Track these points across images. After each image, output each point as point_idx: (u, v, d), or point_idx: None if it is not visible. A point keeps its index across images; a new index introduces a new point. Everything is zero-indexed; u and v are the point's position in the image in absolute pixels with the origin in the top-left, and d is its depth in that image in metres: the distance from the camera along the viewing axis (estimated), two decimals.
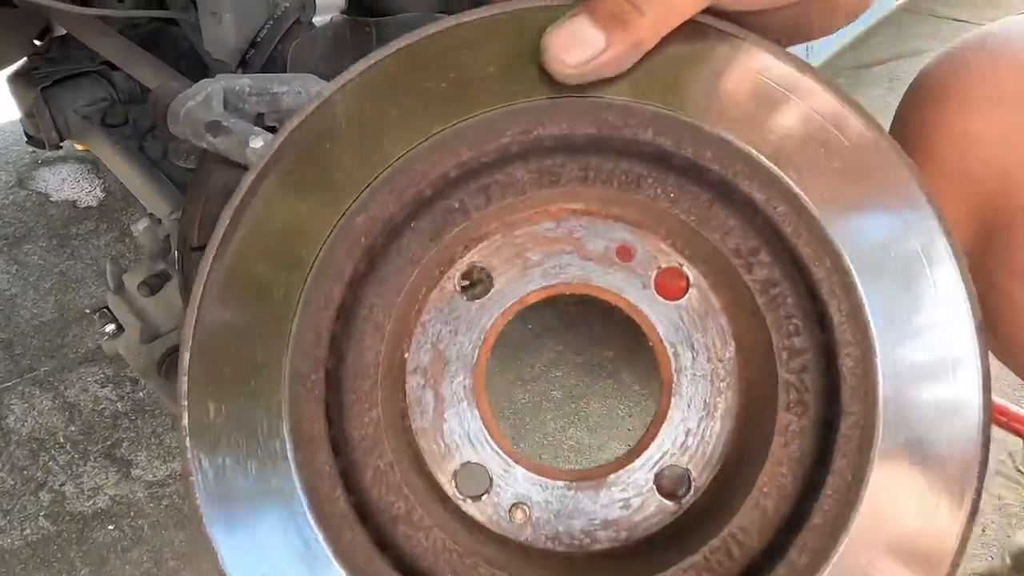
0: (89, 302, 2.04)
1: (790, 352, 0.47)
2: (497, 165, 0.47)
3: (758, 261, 0.47)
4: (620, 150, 0.47)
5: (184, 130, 0.71)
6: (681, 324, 0.51)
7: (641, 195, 0.47)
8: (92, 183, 2.53)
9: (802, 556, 0.45)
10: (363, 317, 0.46)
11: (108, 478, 1.60)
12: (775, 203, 0.46)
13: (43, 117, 1.34)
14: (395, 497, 0.47)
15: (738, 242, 0.47)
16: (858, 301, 0.45)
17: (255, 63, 0.86)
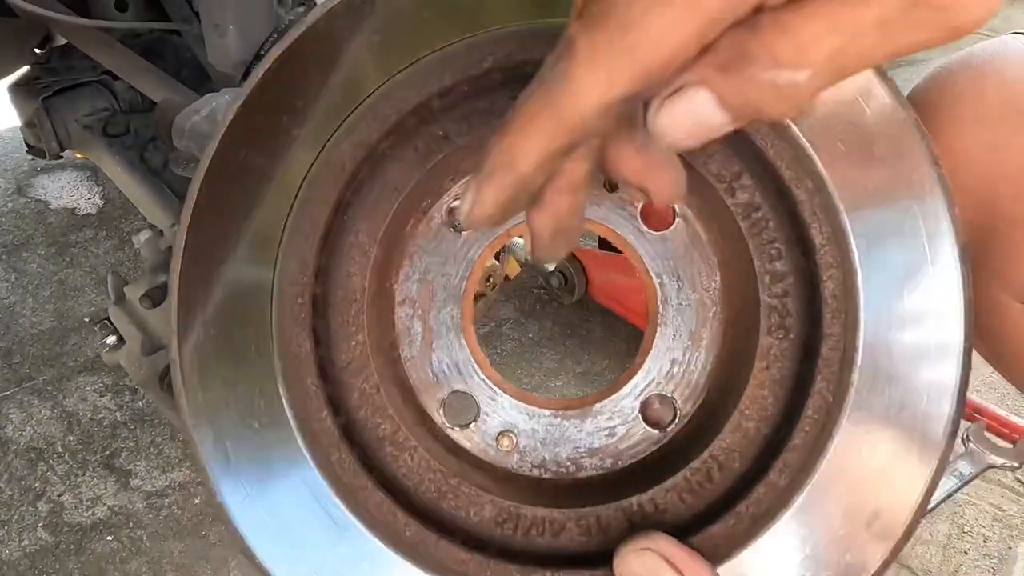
0: (88, 310, 2.04)
1: (772, 276, 0.47)
2: (479, 93, 0.46)
3: (740, 185, 0.47)
4: None
5: (189, 144, 0.71)
6: (667, 255, 0.51)
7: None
8: (91, 191, 2.53)
9: (782, 477, 0.45)
10: (349, 244, 0.47)
11: (107, 488, 1.59)
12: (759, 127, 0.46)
13: (44, 127, 1.34)
14: (381, 419, 0.48)
15: (720, 167, 0.47)
16: (840, 224, 0.45)
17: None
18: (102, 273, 2.17)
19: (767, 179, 0.46)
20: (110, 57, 1.20)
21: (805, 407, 0.45)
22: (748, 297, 0.48)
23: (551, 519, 0.47)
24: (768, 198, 0.47)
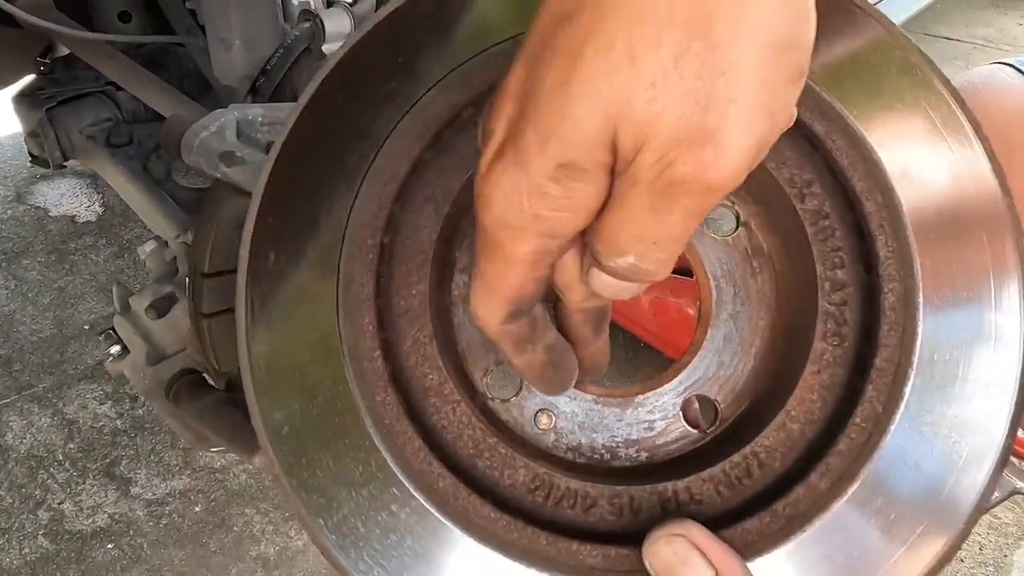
0: (88, 318, 2.04)
1: (832, 283, 0.48)
2: None
3: (811, 192, 0.48)
4: None
5: (198, 160, 0.72)
6: (727, 259, 0.52)
7: None
8: (91, 198, 2.54)
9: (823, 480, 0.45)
10: (424, 197, 0.49)
11: (107, 496, 1.60)
12: (833, 136, 0.47)
13: (48, 137, 1.34)
14: (429, 369, 0.49)
15: (793, 172, 0.48)
16: (906, 239, 0.46)
17: (265, 90, 0.87)
18: (102, 281, 2.17)
19: (838, 189, 0.47)
20: (113, 69, 1.21)
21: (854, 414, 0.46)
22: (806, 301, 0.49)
23: (584, 493, 0.48)
24: (837, 208, 0.48)
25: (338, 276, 0.47)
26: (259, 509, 1.58)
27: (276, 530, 1.54)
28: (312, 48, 0.88)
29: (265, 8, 0.88)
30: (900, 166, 0.47)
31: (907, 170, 0.47)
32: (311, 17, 0.88)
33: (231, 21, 0.89)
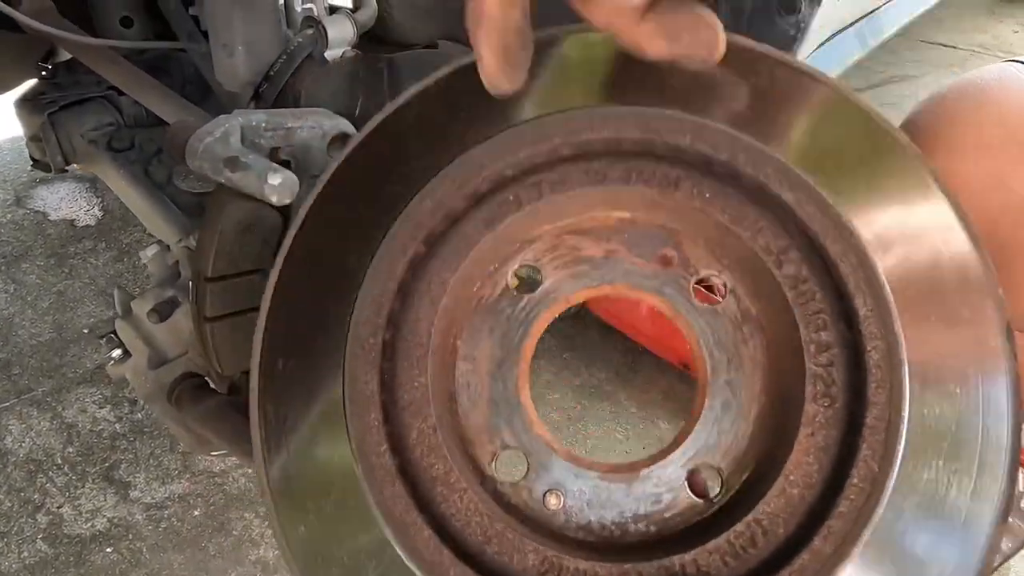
0: (87, 321, 2.04)
1: (818, 345, 0.49)
2: (549, 165, 0.51)
3: (788, 258, 0.50)
4: (661, 155, 0.51)
5: (202, 165, 0.72)
6: (717, 328, 0.54)
7: (680, 195, 0.51)
8: (90, 202, 2.54)
9: (827, 543, 0.46)
10: (421, 292, 0.51)
11: (106, 500, 1.60)
12: (803, 203, 0.49)
13: (50, 142, 1.35)
14: (435, 459, 0.50)
15: (768, 240, 0.50)
16: (884, 296, 0.47)
17: (268, 96, 0.88)
18: (101, 285, 2.18)
19: (813, 253, 0.49)
20: (116, 74, 1.22)
21: (851, 475, 0.47)
22: (794, 366, 0.50)
23: (592, 573, 0.49)
24: (814, 271, 0.50)
25: (343, 375, 0.49)
26: (258, 513, 1.58)
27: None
28: (315, 54, 0.88)
29: (268, 14, 0.88)
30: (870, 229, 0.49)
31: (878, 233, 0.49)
32: (314, 23, 0.89)
33: (234, 27, 0.89)
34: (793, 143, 0.52)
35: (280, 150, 0.77)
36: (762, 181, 0.50)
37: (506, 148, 0.51)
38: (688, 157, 0.51)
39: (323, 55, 0.89)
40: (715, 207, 0.51)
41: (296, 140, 0.78)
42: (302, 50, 0.87)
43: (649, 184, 0.51)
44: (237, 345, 0.83)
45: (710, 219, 0.51)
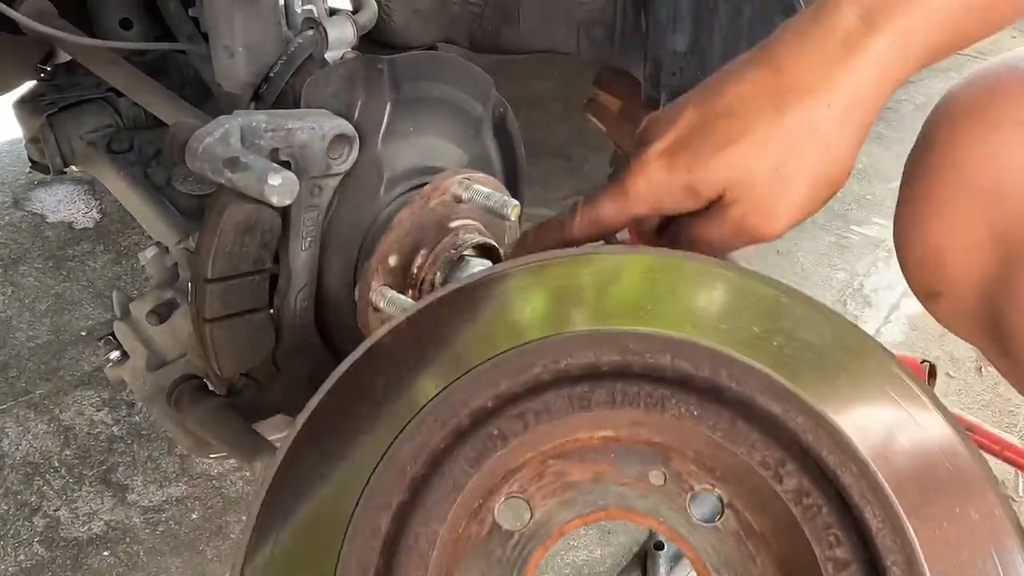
0: (85, 324, 2.04)
1: (835, 563, 0.46)
2: (531, 394, 0.51)
3: (786, 471, 0.48)
4: (643, 375, 0.51)
5: (202, 166, 0.72)
6: (720, 546, 0.51)
7: (667, 415, 0.50)
8: (88, 204, 2.53)
9: None
10: (407, 548, 0.47)
11: (103, 503, 1.59)
12: (793, 414, 0.49)
13: (49, 143, 1.34)
14: None
15: (764, 454, 0.49)
16: (892, 505, 0.46)
17: (268, 97, 0.88)
18: (99, 287, 2.17)
19: (812, 465, 0.48)
20: (116, 75, 1.22)
21: None
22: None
23: None
24: (816, 484, 0.48)
25: None
26: None
27: None
28: (315, 55, 0.88)
29: (269, 15, 0.88)
30: (864, 438, 0.49)
31: (873, 443, 0.49)
32: (314, 25, 0.88)
33: (234, 28, 0.89)
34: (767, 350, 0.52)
35: (280, 151, 0.77)
36: (748, 395, 0.49)
37: (487, 381, 0.50)
38: (670, 375, 0.51)
39: (323, 56, 0.89)
40: (704, 424, 0.50)
41: (296, 141, 0.78)
42: (302, 51, 0.87)
43: (635, 405, 0.50)
44: (236, 347, 0.83)
45: (699, 434, 0.50)
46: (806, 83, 0.58)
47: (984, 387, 1.89)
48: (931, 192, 0.67)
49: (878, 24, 0.56)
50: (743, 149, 0.59)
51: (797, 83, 0.58)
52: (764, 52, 0.61)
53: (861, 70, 0.57)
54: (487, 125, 1.01)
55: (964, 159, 0.64)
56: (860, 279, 2.27)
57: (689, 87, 1.22)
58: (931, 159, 0.68)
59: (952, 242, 0.66)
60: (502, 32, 1.31)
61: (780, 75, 0.59)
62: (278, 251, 0.83)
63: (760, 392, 0.50)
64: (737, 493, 0.52)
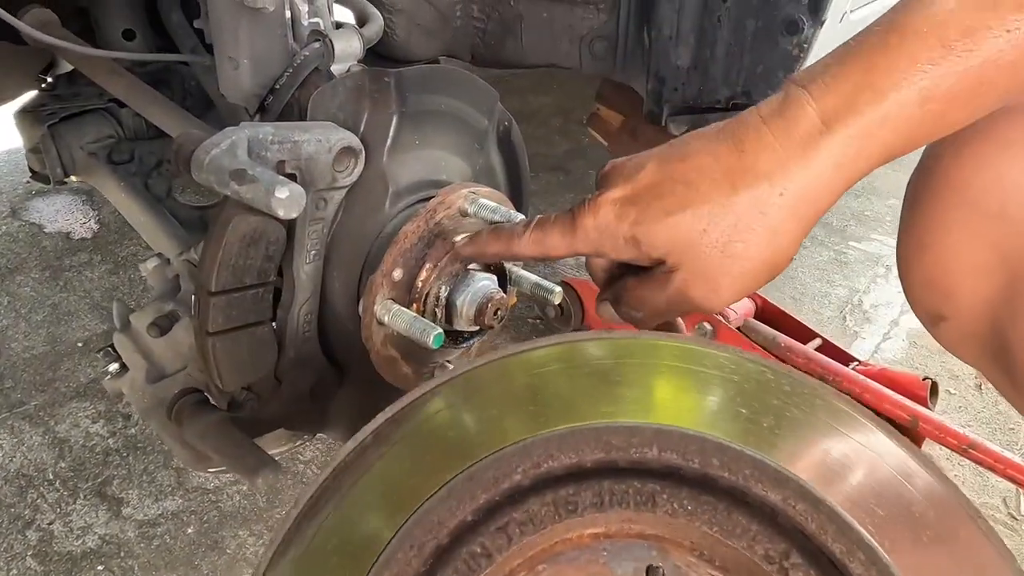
0: (82, 335, 2.03)
1: None
2: (513, 502, 0.47)
3: (791, 564, 0.46)
4: (630, 469, 0.49)
5: (208, 177, 0.72)
6: None
7: (658, 512, 0.48)
8: (86, 215, 2.53)
9: None
10: None
11: (98, 516, 1.57)
12: (792, 501, 0.46)
13: (49, 153, 1.34)
14: None
15: (767, 547, 0.47)
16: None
17: (273, 109, 0.87)
18: (96, 298, 2.16)
19: (817, 554, 0.46)
20: (119, 86, 1.21)
21: None
22: None
23: None
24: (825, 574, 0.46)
25: None
26: (252, 531, 1.56)
27: None
28: (321, 68, 0.88)
29: (275, 28, 0.88)
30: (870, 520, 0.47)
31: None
32: (321, 37, 0.88)
33: (240, 40, 0.89)
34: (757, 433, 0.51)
35: (286, 163, 0.76)
36: (743, 484, 0.47)
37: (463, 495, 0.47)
38: (658, 468, 0.48)
39: (329, 69, 0.88)
40: (699, 520, 0.47)
41: (302, 154, 0.77)
42: (309, 64, 0.87)
43: (624, 505, 0.48)
44: (239, 360, 0.82)
45: (694, 529, 0.48)
46: (763, 169, 0.59)
47: (984, 404, 1.88)
48: (936, 214, 0.67)
49: (834, 126, 0.58)
50: (691, 218, 0.61)
51: (755, 166, 0.60)
52: (732, 129, 0.62)
53: (815, 167, 0.59)
54: (492, 138, 1.01)
55: (970, 181, 0.64)
56: (859, 295, 2.28)
57: (691, 102, 1.23)
58: (935, 181, 0.68)
59: (958, 265, 0.66)
60: (504, 46, 1.31)
61: (741, 155, 0.60)
62: (282, 264, 0.82)
63: (755, 480, 0.47)
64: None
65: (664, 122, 1.24)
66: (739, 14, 1.09)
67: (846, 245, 2.50)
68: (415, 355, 0.92)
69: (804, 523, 0.46)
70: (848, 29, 1.23)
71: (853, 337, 2.10)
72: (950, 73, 0.54)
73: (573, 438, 0.49)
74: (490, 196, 0.90)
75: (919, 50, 0.55)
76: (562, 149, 2.99)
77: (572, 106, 3.16)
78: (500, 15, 1.28)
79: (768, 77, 1.13)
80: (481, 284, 0.89)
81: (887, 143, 0.58)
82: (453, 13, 1.24)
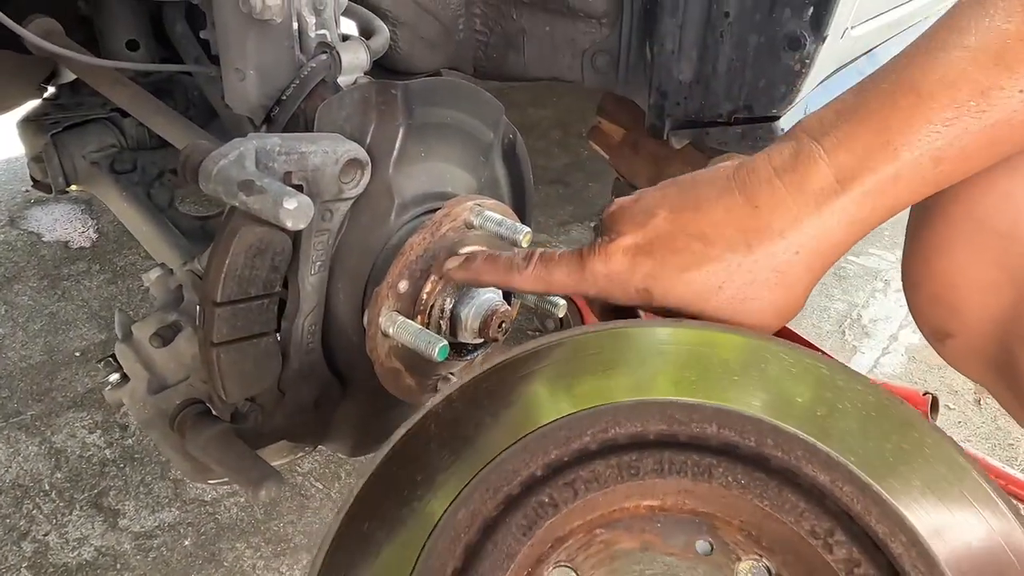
0: (79, 344, 2.02)
1: None
2: (580, 462, 0.51)
3: (836, 540, 0.49)
4: (689, 444, 0.52)
5: (216, 188, 0.72)
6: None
7: (714, 484, 0.51)
8: (85, 223, 2.52)
9: None
10: None
11: (94, 528, 1.56)
12: (840, 483, 0.49)
13: (52, 162, 1.34)
14: None
15: (813, 523, 0.49)
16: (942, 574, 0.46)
17: (280, 120, 0.87)
18: (94, 307, 2.15)
19: (861, 534, 0.48)
20: (123, 96, 1.21)
21: None
22: None
23: None
24: (866, 554, 0.48)
25: None
26: (250, 543, 1.55)
27: (267, 565, 1.51)
28: (328, 80, 0.88)
29: (282, 40, 0.88)
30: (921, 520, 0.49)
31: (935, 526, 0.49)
32: (328, 49, 0.88)
33: (247, 51, 0.89)
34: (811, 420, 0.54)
35: (293, 174, 0.76)
36: (794, 464, 0.50)
37: (537, 449, 0.52)
38: (716, 444, 0.52)
39: (336, 81, 0.89)
40: (751, 493, 0.50)
41: (309, 165, 0.77)
42: (315, 75, 0.87)
43: (682, 474, 0.51)
44: (243, 371, 0.82)
45: (746, 503, 0.51)
46: (778, 227, 0.60)
47: (983, 419, 1.89)
48: (944, 231, 0.67)
49: (849, 185, 0.58)
50: (706, 275, 0.61)
51: (770, 225, 0.60)
52: (743, 179, 0.62)
53: (829, 224, 0.60)
54: (497, 151, 1.01)
55: (978, 199, 0.64)
56: (858, 309, 2.28)
57: (693, 116, 1.23)
58: (943, 197, 0.68)
59: (965, 283, 0.66)
60: (507, 59, 1.32)
61: (756, 213, 0.61)
62: (287, 275, 0.82)
63: (806, 461, 0.50)
64: (785, 563, 0.51)
65: (666, 136, 1.25)
66: (741, 29, 1.10)
67: (845, 259, 2.50)
68: (419, 367, 0.92)
69: (850, 504, 0.48)
70: (849, 45, 1.24)
71: (852, 352, 2.10)
72: (964, 133, 0.55)
73: (639, 409, 0.53)
74: (495, 208, 0.90)
75: (932, 111, 0.55)
76: (562, 162, 3.00)
77: (571, 119, 3.18)
78: (503, 28, 1.29)
79: (770, 92, 1.14)
80: (486, 297, 0.89)
81: (899, 198, 0.59)
82: (456, 26, 1.25)
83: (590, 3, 1.17)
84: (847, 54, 1.32)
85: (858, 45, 1.36)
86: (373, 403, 0.97)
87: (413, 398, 0.95)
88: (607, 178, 1.91)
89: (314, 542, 1.52)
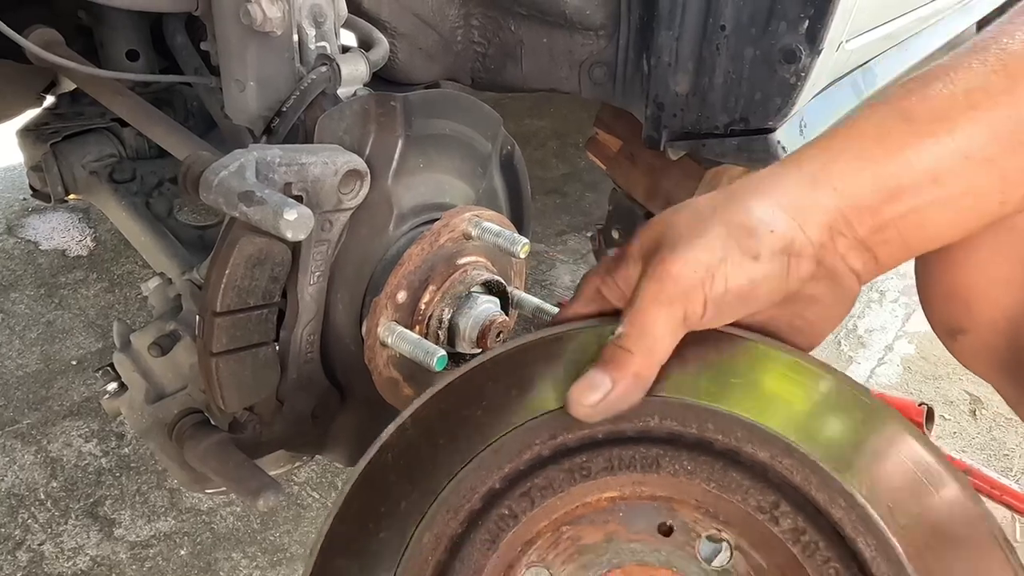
0: (76, 353, 2.02)
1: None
2: (534, 470, 0.54)
3: (781, 513, 0.52)
4: (636, 438, 0.55)
5: (217, 199, 0.72)
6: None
7: (662, 473, 0.54)
8: (82, 232, 2.52)
9: None
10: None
11: (90, 537, 1.56)
12: (780, 458, 0.52)
13: (51, 172, 1.34)
14: None
15: (759, 499, 0.52)
16: (883, 534, 0.49)
17: (280, 131, 0.88)
18: (91, 316, 2.15)
19: (803, 504, 0.51)
20: (123, 106, 1.22)
21: None
22: None
23: None
24: (810, 521, 0.51)
25: None
26: (246, 553, 1.54)
27: (263, 575, 1.50)
28: (328, 91, 0.89)
29: (282, 51, 0.89)
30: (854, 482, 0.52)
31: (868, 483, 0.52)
32: (328, 61, 0.89)
33: (247, 62, 0.90)
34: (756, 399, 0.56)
35: (293, 185, 0.77)
36: (735, 445, 0.53)
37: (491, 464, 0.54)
38: (661, 435, 0.54)
39: (336, 92, 0.89)
40: (698, 478, 0.53)
41: (309, 176, 0.78)
42: (315, 87, 0.87)
43: (632, 468, 0.54)
44: (242, 381, 0.82)
45: (696, 487, 0.54)
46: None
47: (979, 430, 1.89)
48: None
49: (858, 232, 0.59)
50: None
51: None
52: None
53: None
54: (495, 162, 1.02)
55: None
56: (854, 320, 2.29)
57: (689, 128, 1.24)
58: None
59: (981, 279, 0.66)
60: (504, 70, 1.33)
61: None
62: (286, 285, 0.83)
63: (746, 440, 0.53)
64: (742, 535, 0.54)
65: (663, 147, 1.26)
66: (738, 42, 1.11)
67: None
68: (417, 377, 0.93)
69: (790, 476, 0.51)
70: (844, 58, 1.25)
71: (848, 362, 2.11)
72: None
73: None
74: (493, 219, 0.91)
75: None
76: (559, 172, 3.01)
77: (569, 130, 3.19)
78: (501, 40, 1.30)
79: (766, 104, 1.15)
80: (484, 307, 0.90)
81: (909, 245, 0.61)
82: (455, 38, 1.26)
83: (587, 15, 1.18)
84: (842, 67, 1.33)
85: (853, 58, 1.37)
86: (371, 413, 0.97)
87: None
88: (604, 188, 1.92)
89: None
